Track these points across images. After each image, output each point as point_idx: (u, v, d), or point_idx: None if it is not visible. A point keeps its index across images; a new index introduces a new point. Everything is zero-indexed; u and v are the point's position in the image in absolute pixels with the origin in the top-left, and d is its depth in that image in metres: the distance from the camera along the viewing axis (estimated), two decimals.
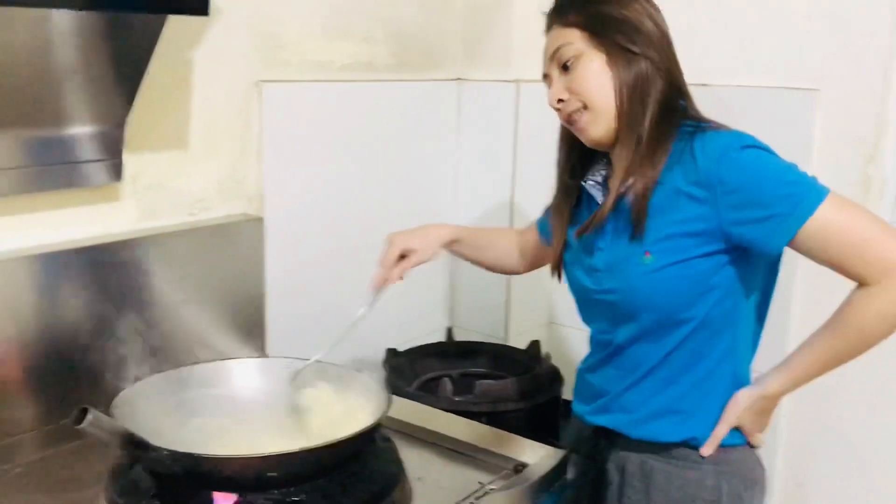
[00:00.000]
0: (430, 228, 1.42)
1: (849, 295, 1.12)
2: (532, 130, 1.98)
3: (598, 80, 1.17)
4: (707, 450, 1.21)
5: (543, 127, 2.01)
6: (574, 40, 1.19)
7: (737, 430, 1.21)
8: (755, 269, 1.18)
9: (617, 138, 1.20)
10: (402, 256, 1.38)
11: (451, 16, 1.99)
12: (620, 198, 1.18)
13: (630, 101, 1.17)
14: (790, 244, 1.10)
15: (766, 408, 1.21)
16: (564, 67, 1.20)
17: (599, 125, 1.19)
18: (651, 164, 1.15)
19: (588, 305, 1.29)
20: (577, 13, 1.19)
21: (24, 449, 1.28)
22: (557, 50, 1.20)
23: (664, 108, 1.17)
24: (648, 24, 1.18)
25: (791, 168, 1.12)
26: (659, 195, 1.15)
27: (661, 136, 1.16)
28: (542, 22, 1.26)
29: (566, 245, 1.31)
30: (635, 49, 1.16)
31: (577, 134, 1.23)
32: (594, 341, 1.31)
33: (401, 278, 1.38)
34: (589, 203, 1.28)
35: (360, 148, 1.82)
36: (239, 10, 1.54)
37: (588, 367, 1.32)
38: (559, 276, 1.34)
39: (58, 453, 1.28)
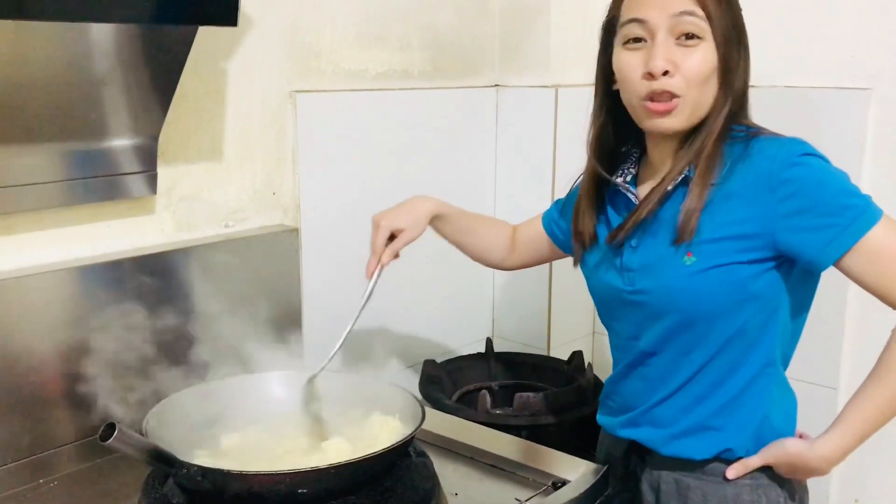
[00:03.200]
0: (415, 202, 1.36)
1: (892, 334, 1.07)
2: (571, 136, 1.94)
3: (707, 72, 1.09)
4: (732, 473, 1.16)
5: (583, 133, 1.99)
6: (701, 17, 1.07)
7: None
8: (796, 282, 1.13)
9: (681, 136, 1.14)
10: (392, 237, 1.33)
11: (487, 21, 1.97)
12: (661, 199, 1.14)
13: (717, 109, 1.11)
14: (838, 262, 1.06)
15: (809, 466, 1.13)
16: (688, 37, 1.08)
17: (682, 118, 1.11)
18: (710, 173, 1.10)
19: (615, 306, 1.23)
20: None
21: (60, 462, 1.28)
22: (683, 14, 1.07)
23: (731, 119, 1.12)
24: (743, 28, 1.12)
25: (849, 179, 1.08)
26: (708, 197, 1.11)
27: (721, 145, 1.11)
28: (579, 26, 1.21)
29: (588, 243, 1.25)
30: (732, 60, 1.10)
31: (649, 116, 1.12)
32: (616, 347, 1.26)
33: (396, 256, 1.34)
34: (614, 199, 1.23)
35: (396, 157, 1.80)
36: (272, 20, 1.53)
37: (614, 377, 1.28)
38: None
39: (93, 467, 1.29)
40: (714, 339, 1.13)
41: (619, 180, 1.21)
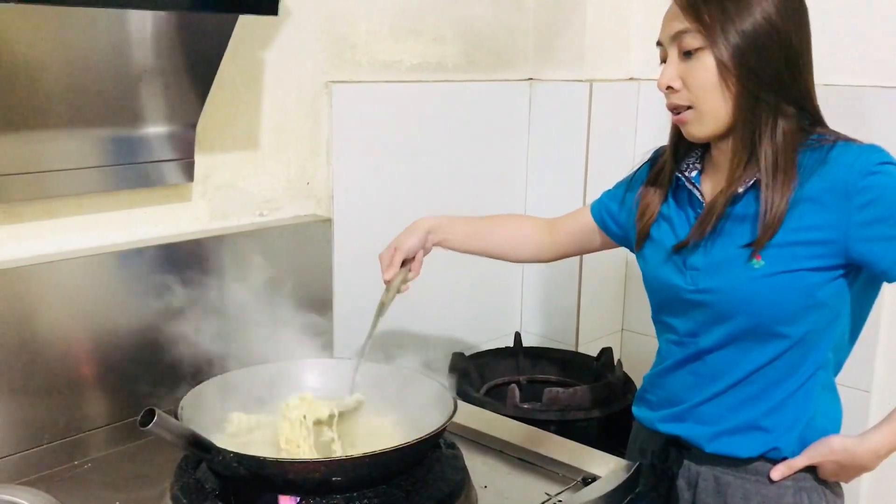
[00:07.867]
0: (418, 220, 1.37)
1: None
2: (605, 131, 1.94)
3: (714, 80, 1.09)
4: (777, 474, 1.15)
5: (617, 128, 1.98)
6: (696, 31, 1.09)
7: None
8: (859, 290, 1.12)
9: (726, 142, 1.14)
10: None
11: (522, 14, 1.96)
12: (731, 199, 1.13)
13: (745, 119, 1.10)
14: None
15: (855, 463, 1.13)
16: (686, 54, 1.11)
17: (704, 126, 1.13)
18: (789, 184, 1.09)
19: (673, 304, 1.21)
20: (704, 2, 1.09)
21: (94, 445, 1.30)
22: (679, 34, 1.11)
23: (792, 130, 1.10)
24: (773, 35, 1.08)
25: None
26: None
27: (792, 154, 1.10)
28: (614, 21, 1.21)
29: (646, 238, 1.25)
30: (752, 66, 1.08)
31: (678, 124, 1.17)
32: (671, 343, 1.24)
33: (406, 283, 1.35)
34: (676, 193, 1.23)
35: (429, 149, 1.80)
36: (309, 10, 1.54)
37: (661, 371, 1.26)
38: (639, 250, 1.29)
39: (127, 450, 1.30)
40: (776, 343, 1.12)
41: (685, 175, 1.21)
